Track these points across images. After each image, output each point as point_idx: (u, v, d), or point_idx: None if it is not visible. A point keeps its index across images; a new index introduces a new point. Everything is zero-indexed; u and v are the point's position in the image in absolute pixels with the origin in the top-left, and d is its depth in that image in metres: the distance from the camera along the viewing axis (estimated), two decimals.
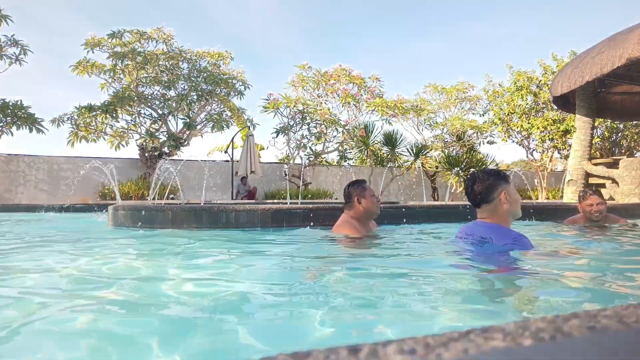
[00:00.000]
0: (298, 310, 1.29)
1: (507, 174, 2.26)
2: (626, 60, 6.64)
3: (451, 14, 50.31)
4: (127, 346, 1.01)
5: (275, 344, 1.02)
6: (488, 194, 2.15)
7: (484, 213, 2.19)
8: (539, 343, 0.42)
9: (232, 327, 1.14)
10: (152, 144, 11.78)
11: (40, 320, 1.20)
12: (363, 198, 3.06)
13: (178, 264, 2.08)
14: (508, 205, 2.13)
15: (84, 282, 1.68)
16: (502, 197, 2.13)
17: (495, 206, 2.15)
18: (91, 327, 1.13)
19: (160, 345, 1.00)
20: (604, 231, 3.63)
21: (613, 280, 1.73)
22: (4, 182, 11.10)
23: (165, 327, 1.12)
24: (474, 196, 2.20)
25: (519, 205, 2.21)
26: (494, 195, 2.14)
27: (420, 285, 1.64)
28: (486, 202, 2.16)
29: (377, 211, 3.11)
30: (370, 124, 12.76)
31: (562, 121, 13.95)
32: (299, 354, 0.40)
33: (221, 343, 1.03)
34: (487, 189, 2.15)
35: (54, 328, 1.12)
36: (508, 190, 2.16)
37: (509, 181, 2.21)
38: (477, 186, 2.17)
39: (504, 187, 2.15)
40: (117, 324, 1.16)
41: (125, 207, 4.08)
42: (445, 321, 1.16)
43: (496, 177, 2.18)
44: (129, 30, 11.91)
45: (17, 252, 2.64)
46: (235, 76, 12.96)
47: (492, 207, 2.16)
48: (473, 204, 2.23)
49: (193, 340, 1.03)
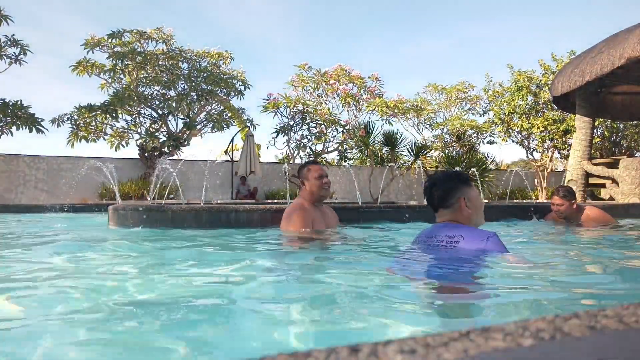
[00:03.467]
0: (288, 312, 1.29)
1: (468, 176, 2.13)
2: (626, 60, 6.63)
3: (451, 14, 50.35)
4: (127, 346, 1.01)
5: (275, 343, 1.02)
6: (447, 198, 2.01)
7: (444, 217, 2.04)
8: (539, 343, 0.42)
9: (232, 327, 1.14)
10: (152, 144, 11.78)
11: (40, 319, 1.20)
12: (306, 180, 2.85)
13: (177, 264, 2.08)
14: (468, 212, 1.99)
15: (84, 282, 1.68)
16: (461, 203, 1.98)
17: (455, 211, 2.00)
18: (91, 327, 1.13)
19: (160, 345, 1.00)
20: (567, 229, 4.03)
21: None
22: (3, 182, 11.09)
23: (165, 327, 1.12)
24: (432, 200, 2.06)
25: (481, 211, 2.06)
26: (453, 200, 2.00)
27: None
28: (445, 207, 2.02)
29: (322, 194, 2.86)
30: (370, 124, 12.75)
31: (562, 121, 13.95)
32: (299, 353, 0.40)
33: (221, 343, 1.03)
34: (445, 193, 2.01)
35: (53, 328, 1.12)
36: (469, 195, 2.01)
37: (471, 185, 2.07)
38: (435, 190, 2.04)
39: (464, 191, 2.01)
40: (117, 323, 1.16)
41: (125, 207, 4.08)
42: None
43: (456, 180, 2.04)
44: (128, 30, 11.90)
45: (15, 253, 2.64)
46: (235, 76, 12.96)
47: (450, 212, 2.01)
48: (432, 208, 2.09)
49: (193, 340, 1.03)
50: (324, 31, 52.69)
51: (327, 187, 2.90)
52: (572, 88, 7.94)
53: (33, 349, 0.99)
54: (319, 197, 2.91)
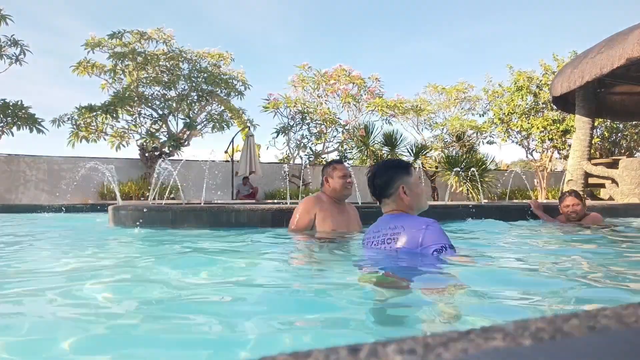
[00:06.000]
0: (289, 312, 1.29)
1: (409, 163, 2.15)
2: (626, 60, 6.63)
3: (451, 14, 50.36)
4: (126, 345, 1.01)
5: (273, 343, 1.02)
6: (387, 187, 2.03)
7: (388, 207, 2.07)
8: (539, 343, 0.42)
9: (232, 327, 1.13)
10: (152, 144, 11.78)
11: (39, 319, 1.20)
12: (330, 178, 3.08)
13: (177, 264, 2.08)
14: (408, 199, 2.01)
15: (84, 282, 1.68)
16: (400, 191, 2.01)
17: (395, 199, 2.02)
18: (90, 326, 1.13)
19: (160, 344, 1.00)
20: (578, 229, 3.84)
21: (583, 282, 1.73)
22: (4, 182, 11.09)
23: (165, 327, 1.12)
24: (374, 190, 2.09)
25: (422, 197, 2.09)
26: (392, 189, 2.02)
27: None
28: (386, 196, 2.05)
29: (345, 193, 3.09)
30: (370, 124, 12.77)
31: (562, 121, 13.94)
32: (299, 353, 0.40)
33: (221, 343, 1.03)
34: (384, 182, 2.03)
35: (52, 328, 1.12)
36: (408, 183, 2.03)
37: (411, 173, 2.08)
38: (376, 180, 2.06)
39: (403, 179, 2.03)
40: (116, 323, 1.16)
41: (125, 207, 4.08)
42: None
43: (394, 169, 2.06)
44: (129, 31, 11.91)
45: (17, 253, 2.64)
46: (235, 76, 12.96)
47: (392, 201, 2.04)
48: (375, 197, 2.12)
49: (192, 340, 1.03)
50: (324, 31, 52.76)
51: (350, 187, 3.11)
52: (572, 88, 7.94)
53: (33, 348, 0.99)
54: (341, 196, 3.12)
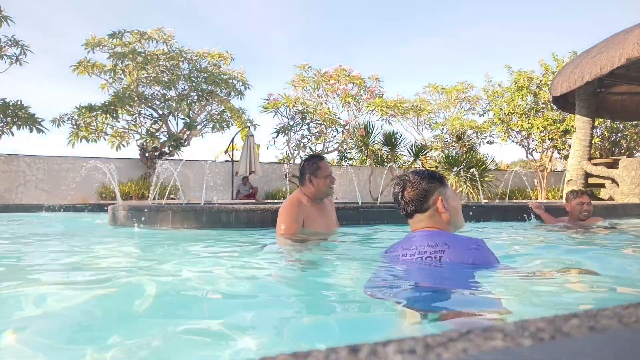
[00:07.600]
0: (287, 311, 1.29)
1: (443, 175, 1.85)
2: (626, 60, 6.63)
3: (451, 13, 50.35)
4: (126, 345, 1.01)
5: (273, 343, 1.02)
6: (422, 202, 1.73)
7: (420, 224, 1.76)
8: (539, 343, 0.42)
9: (231, 327, 1.14)
10: (152, 144, 11.78)
11: (39, 319, 1.20)
12: (315, 177, 2.83)
13: (177, 264, 2.08)
14: (447, 215, 1.73)
15: (83, 282, 1.68)
16: (439, 205, 1.73)
17: (432, 216, 1.74)
18: (89, 326, 1.13)
19: (159, 344, 1.00)
20: (589, 231, 3.71)
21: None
22: (4, 182, 11.10)
23: (164, 327, 1.12)
24: (404, 205, 1.77)
25: (459, 214, 1.80)
26: (429, 202, 1.74)
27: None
28: (420, 212, 1.75)
29: (329, 193, 2.91)
30: (370, 124, 12.76)
31: (562, 121, 13.95)
32: (299, 354, 0.40)
33: (221, 343, 1.03)
34: (420, 195, 1.74)
35: (52, 327, 1.12)
36: (445, 195, 1.76)
37: (446, 184, 1.81)
38: (408, 192, 1.75)
39: (441, 191, 1.75)
40: (115, 322, 1.16)
41: (125, 207, 4.08)
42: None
43: (430, 179, 1.77)
44: (129, 31, 11.90)
45: (16, 253, 2.64)
46: (235, 76, 12.96)
47: (426, 217, 1.74)
48: (404, 213, 1.81)
49: (192, 340, 1.03)
50: (324, 31, 52.72)
51: (333, 186, 2.93)
52: (572, 88, 7.94)
53: (33, 348, 0.99)
54: (324, 196, 2.93)
